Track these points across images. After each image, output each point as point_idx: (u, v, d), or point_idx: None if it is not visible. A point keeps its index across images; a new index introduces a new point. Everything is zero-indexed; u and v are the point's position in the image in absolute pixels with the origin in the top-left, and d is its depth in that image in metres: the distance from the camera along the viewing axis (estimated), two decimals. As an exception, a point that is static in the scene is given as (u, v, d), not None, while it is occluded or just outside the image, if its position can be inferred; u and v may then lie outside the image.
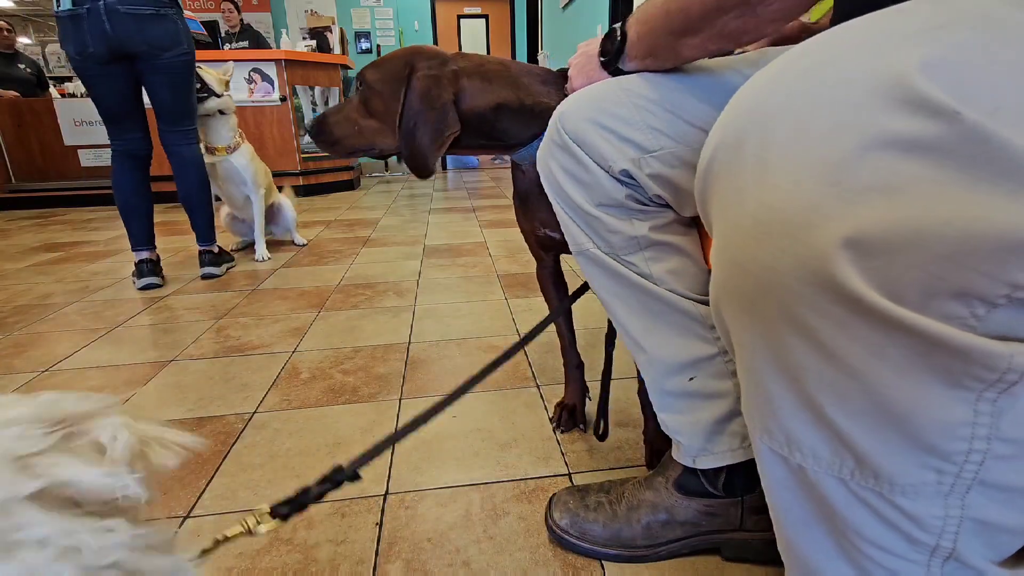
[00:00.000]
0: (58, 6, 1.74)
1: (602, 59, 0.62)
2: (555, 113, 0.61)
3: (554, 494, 0.75)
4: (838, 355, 0.29)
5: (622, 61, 0.60)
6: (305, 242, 2.63)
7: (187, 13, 4.67)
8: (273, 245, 2.61)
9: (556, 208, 0.65)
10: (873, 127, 0.25)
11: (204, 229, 2.10)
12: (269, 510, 0.42)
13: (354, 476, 0.46)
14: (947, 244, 0.24)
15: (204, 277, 2.09)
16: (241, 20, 4.55)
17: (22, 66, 4.74)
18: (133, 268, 2.01)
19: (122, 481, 0.27)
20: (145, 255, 1.99)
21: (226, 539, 0.39)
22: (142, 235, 1.99)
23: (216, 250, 2.13)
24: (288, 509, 0.42)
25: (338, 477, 0.45)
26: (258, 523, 0.41)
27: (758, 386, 0.34)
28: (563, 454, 0.91)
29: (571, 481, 0.84)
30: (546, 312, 1.59)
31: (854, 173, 0.26)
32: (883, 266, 0.25)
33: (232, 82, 2.25)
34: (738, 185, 0.31)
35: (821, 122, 0.27)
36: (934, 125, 0.24)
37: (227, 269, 2.20)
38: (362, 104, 0.73)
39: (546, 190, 0.65)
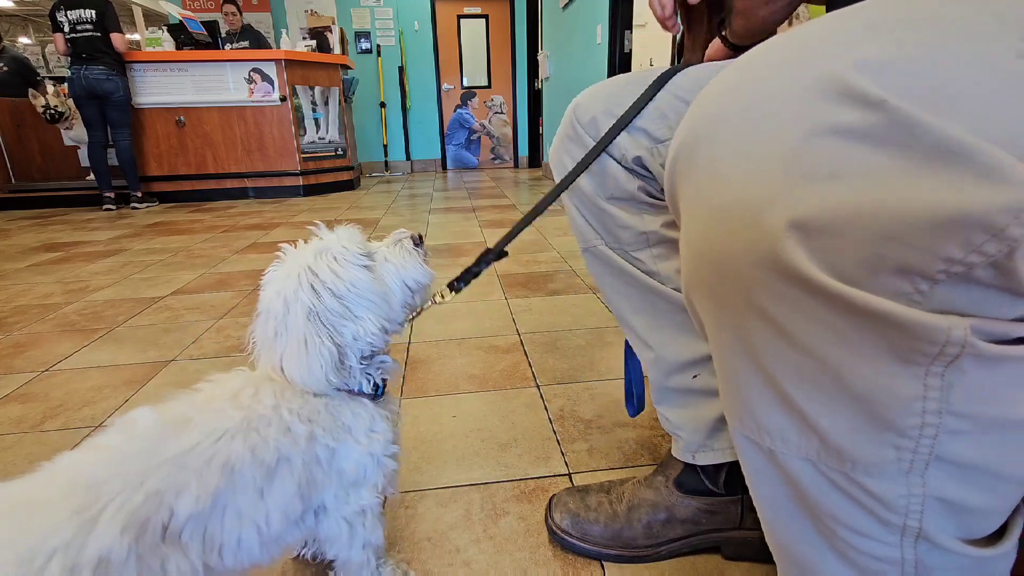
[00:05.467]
0: None
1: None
2: (570, 106, 0.62)
3: (553, 495, 0.75)
4: (794, 335, 0.30)
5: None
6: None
7: (187, 13, 4.64)
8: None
9: (566, 203, 0.66)
10: (814, 118, 0.27)
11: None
12: (447, 286, 0.64)
13: (502, 254, 0.62)
14: (884, 222, 0.25)
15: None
16: (241, 21, 4.55)
17: (0, 64, 4.52)
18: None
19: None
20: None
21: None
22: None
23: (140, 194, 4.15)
24: (459, 284, 0.63)
25: (489, 257, 0.62)
26: (443, 297, 0.64)
27: (729, 374, 0.35)
28: (563, 454, 0.91)
29: (571, 481, 0.84)
30: (545, 311, 1.60)
31: (797, 160, 0.27)
32: (828, 246, 0.27)
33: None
34: (695, 180, 0.33)
35: (766, 116, 0.29)
36: (867, 114, 0.26)
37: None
38: None
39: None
